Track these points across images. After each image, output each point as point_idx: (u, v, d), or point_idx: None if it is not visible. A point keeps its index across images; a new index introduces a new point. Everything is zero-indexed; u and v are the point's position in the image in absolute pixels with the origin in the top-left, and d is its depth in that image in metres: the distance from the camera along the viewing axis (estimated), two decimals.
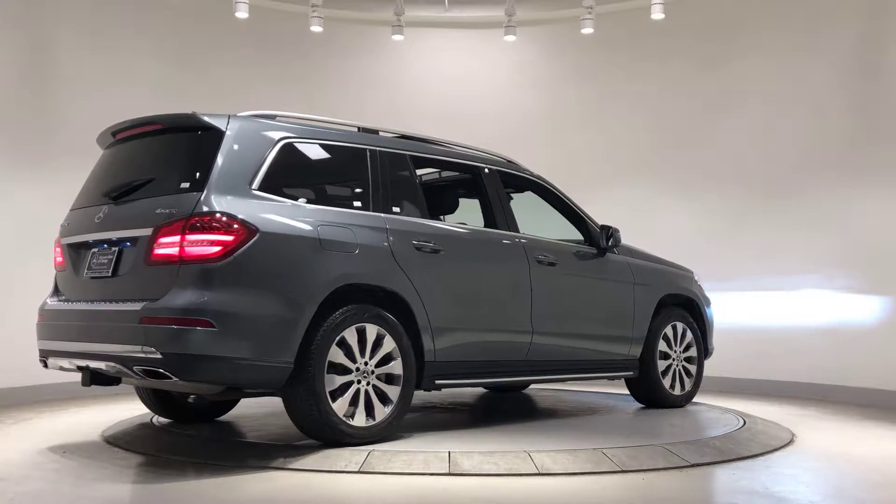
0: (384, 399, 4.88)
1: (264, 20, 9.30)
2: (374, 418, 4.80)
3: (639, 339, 6.45)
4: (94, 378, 4.81)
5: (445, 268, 5.26)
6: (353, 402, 4.73)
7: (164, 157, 4.93)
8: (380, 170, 5.21)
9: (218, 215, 4.39)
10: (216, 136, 4.65)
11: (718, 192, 9.07)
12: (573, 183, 7.27)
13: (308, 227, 4.67)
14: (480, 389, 7.81)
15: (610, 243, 6.25)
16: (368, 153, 5.22)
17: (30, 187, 7.70)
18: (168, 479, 4.32)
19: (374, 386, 4.83)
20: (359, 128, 5.41)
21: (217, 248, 4.34)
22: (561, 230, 6.40)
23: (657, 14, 8.77)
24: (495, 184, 5.90)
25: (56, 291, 5.21)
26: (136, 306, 4.41)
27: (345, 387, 4.71)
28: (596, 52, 9.65)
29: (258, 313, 4.41)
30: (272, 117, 5.05)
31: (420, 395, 7.18)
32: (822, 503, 4.03)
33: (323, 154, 5.18)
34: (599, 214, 6.53)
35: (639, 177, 9.45)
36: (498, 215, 5.79)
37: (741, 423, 5.93)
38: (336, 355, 4.67)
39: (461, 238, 5.56)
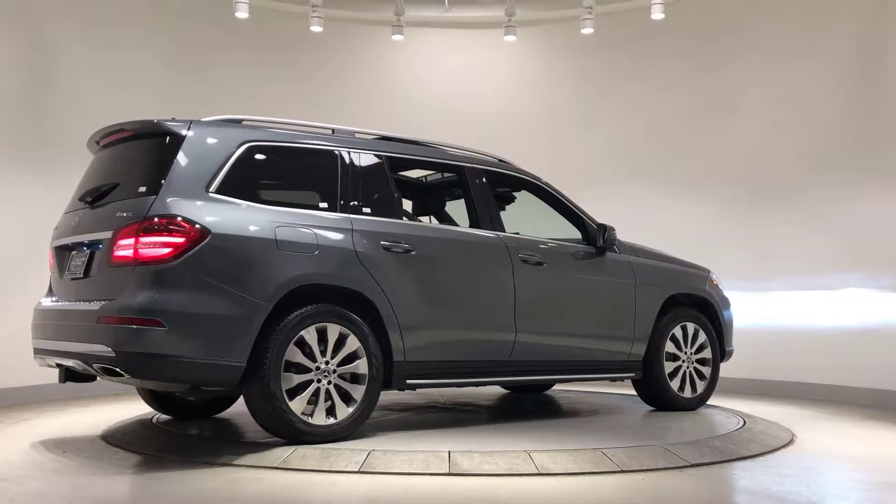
0: (348, 398, 4.92)
1: (264, 20, 9.31)
2: (335, 417, 4.85)
3: (641, 339, 6.33)
4: (69, 375, 5.00)
5: (418, 268, 5.26)
6: (313, 400, 4.79)
7: (131, 163, 5.05)
8: (350, 171, 5.25)
9: (169, 218, 4.52)
10: (176, 141, 4.78)
11: (718, 192, 9.07)
12: (573, 182, 7.27)
13: (264, 229, 4.74)
14: (499, 389, 7.78)
15: (605, 242, 6.17)
16: (337, 155, 5.27)
17: (31, 188, 7.69)
18: (168, 479, 4.32)
19: (336, 385, 4.88)
20: (333, 130, 5.46)
21: (168, 250, 4.48)
22: (565, 230, 6.35)
23: (657, 14, 8.77)
24: (480, 183, 5.86)
25: (49, 292, 5.41)
26: (96, 306, 4.61)
27: (304, 385, 4.77)
28: (596, 52, 9.65)
29: (208, 313, 4.51)
30: (238, 121, 5.15)
31: (422, 395, 7.20)
32: (822, 503, 4.03)
33: (288, 157, 5.24)
34: (600, 214, 6.50)
35: (639, 176, 9.44)
36: (481, 215, 5.77)
37: (741, 423, 5.93)
38: (294, 354, 4.75)
39: (435, 238, 5.54)
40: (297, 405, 4.72)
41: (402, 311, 5.12)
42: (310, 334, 4.79)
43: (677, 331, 6.56)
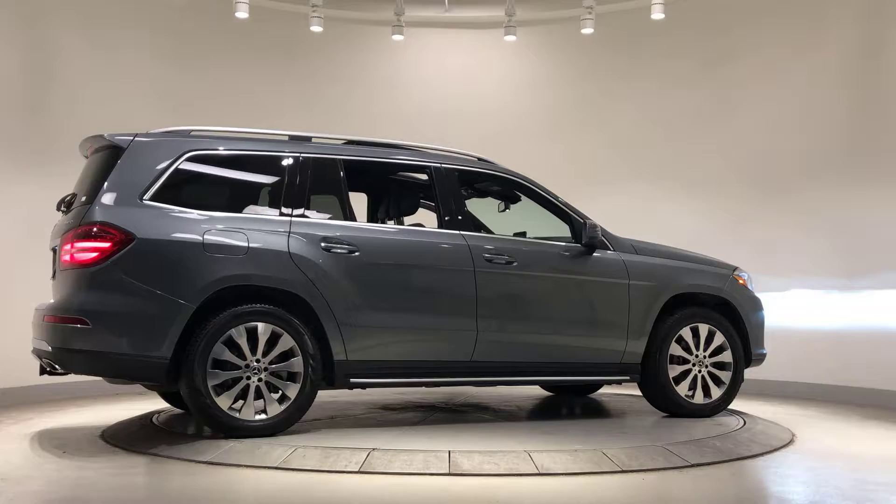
0: (284, 395, 5.11)
1: (264, 20, 9.30)
2: (266, 413, 5.04)
3: (636, 340, 6.04)
4: (43, 369, 5.35)
5: (361, 268, 5.32)
6: (242, 396, 5.01)
7: (88, 174, 5.42)
8: (297, 176, 5.42)
9: (96, 224, 4.90)
10: (118, 153, 5.16)
11: (718, 192, 9.06)
12: (573, 182, 7.26)
13: (191, 233, 5.01)
14: (522, 389, 7.72)
15: (588, 240, 5.94)
16: (283, 161, 5.46)
17: (33, 189, 7.68)
18: (168, 479, 4.32)
19: (269, 382, 5.07)
20: (289, 136, 5.67)
21: (95, 254, 4.87)
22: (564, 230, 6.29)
23: (657, 14, 8.77)
24: (448, 184, 5.82)
25: None
26: (45, 305, 5.18)
27: (233, 382, 4.99)
28: (596, 52, 9.64)
29: (131, 311, 4.86)
30: (186, 133, 5.42)
31: (425, 395, 7.20)
32: (822, 503, 4.03)
33: (233, 164, 5.47)
34: (600, 213, 6.44)
35: (639, 176, 9.44)
36: (447, 215, 5.74)
37: (741, 423, 5.92)
38: (221, 352, 4.96)
39: (382, 239, 5.60)
40: (225, 401, 4.95)
41: (343, 311, 5.22)
42: (239, 333, 4.99)
43: (685, 332, 6.16)
